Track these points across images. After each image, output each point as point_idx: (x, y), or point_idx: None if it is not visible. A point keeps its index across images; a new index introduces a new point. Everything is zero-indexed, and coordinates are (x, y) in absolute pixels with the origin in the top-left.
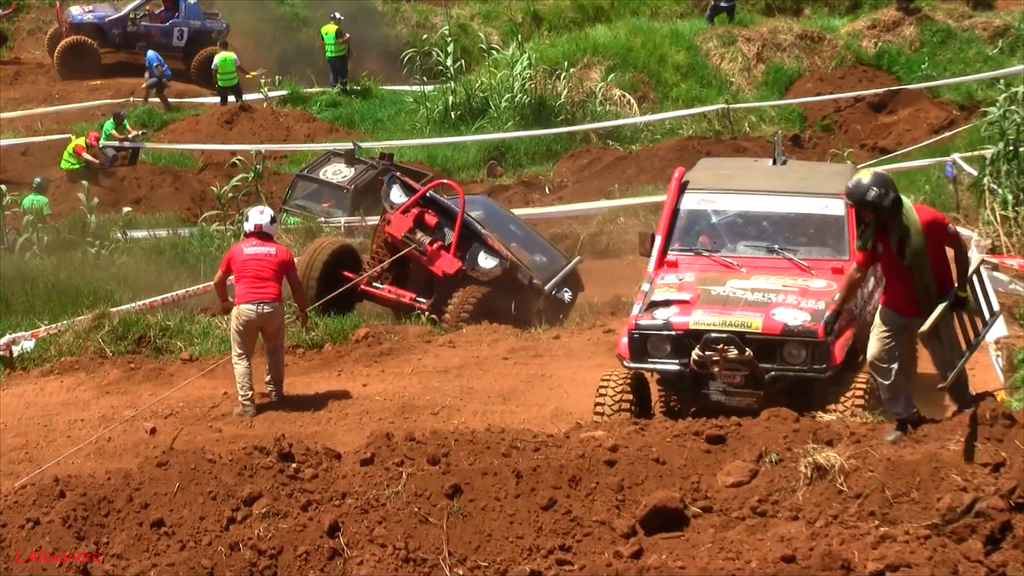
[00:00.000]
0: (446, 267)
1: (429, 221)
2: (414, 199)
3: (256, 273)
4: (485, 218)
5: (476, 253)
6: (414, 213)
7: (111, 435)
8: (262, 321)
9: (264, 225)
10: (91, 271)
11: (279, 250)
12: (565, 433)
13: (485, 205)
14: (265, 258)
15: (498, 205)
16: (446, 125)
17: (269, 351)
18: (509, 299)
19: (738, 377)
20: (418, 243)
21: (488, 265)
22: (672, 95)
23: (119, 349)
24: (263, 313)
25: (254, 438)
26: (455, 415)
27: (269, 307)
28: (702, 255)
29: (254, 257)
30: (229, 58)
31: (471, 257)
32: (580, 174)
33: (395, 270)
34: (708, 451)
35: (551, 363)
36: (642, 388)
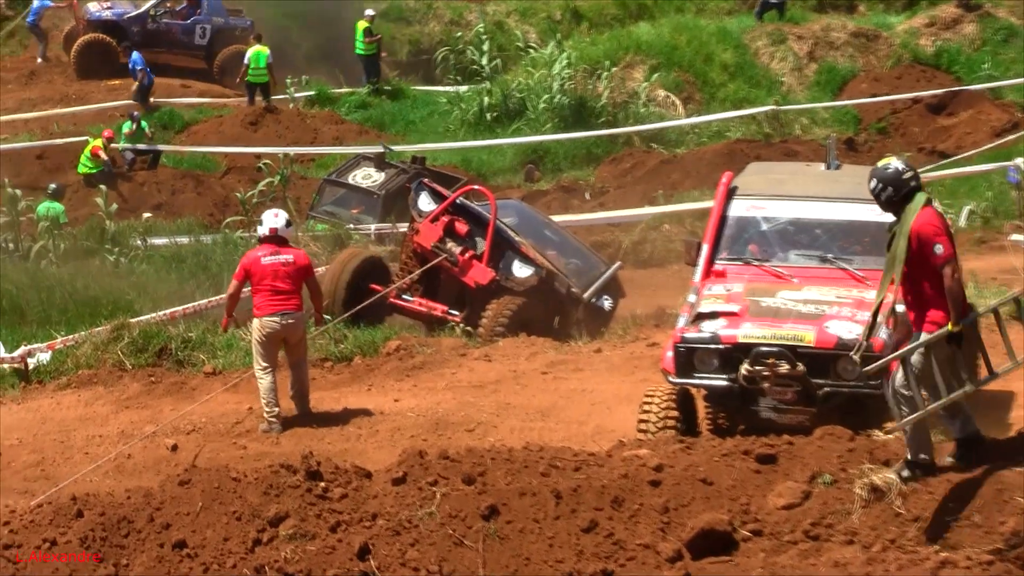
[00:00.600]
0: (479, 278)
1: (460, 229)
2: (443, 206)
3: (276, 283)
4: (519, 223)
5: (510, 262)
6: (444, 221)
7: (131, 452)
8: (285, 332)
9: (280, 228)
10: (110, 280)
11: (297, 256)
12: (607, 451)
13: (519, 210)
14: (284, 266)
15: (532, 209)
16: (481, 127)
17: (292, 364)
18: (547, 309)
19: (789, 393)
20: (449, 253)
21: (523, 274)
22: (719, 96)
23: (139, 362)
24: (286, 324)
25: (280, 455)
26: (491, 432)
27: (292, 318)
28: (751, 264)
29: (272, 266)
30: (262, 53)
31: (505, 266)
32: (622, 179)
33: (425, 281)
34: (758, 471)
35: (592, 378)
36: (688, 405)
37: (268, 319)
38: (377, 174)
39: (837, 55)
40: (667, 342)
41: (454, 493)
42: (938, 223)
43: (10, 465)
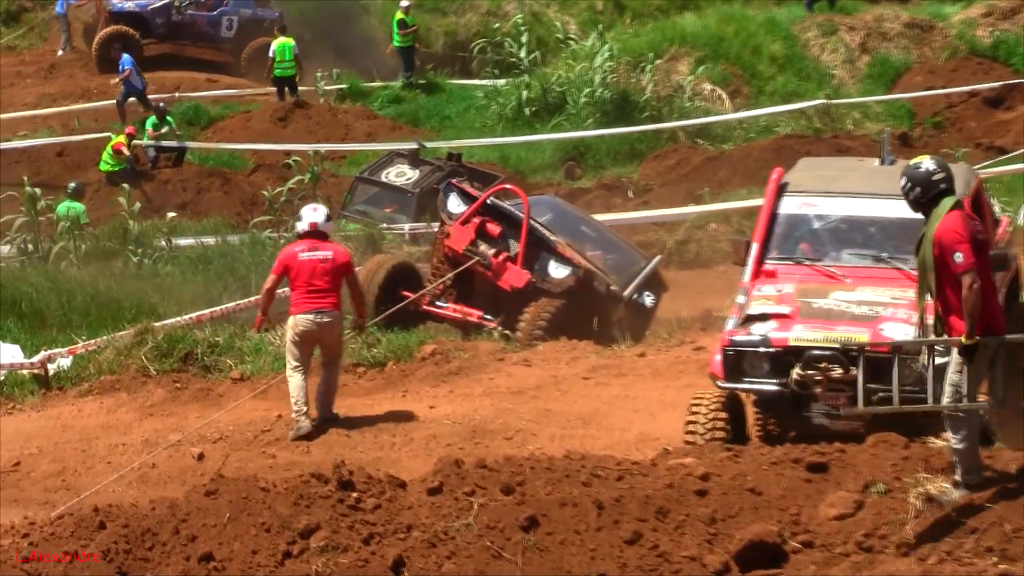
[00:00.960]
0: (514, 280)
1: (492, 231)
2: (473, 208)
3: (313, 280)
4: (553, 220)
5: (546, 262)
6: (475, 223)
7: (155, 461)
8: (321, 332)
9: (320, 223)
10: (133, 282)
11: (336, 252)
12: (651, 460)
13: (553, 206)
14: (322, 263)
15: (567, 205)
16: (520, 123)
17: (325, 363)
18: (586, 310)
19: (843, 398)
20: (482, 256)
21: (560, 275)
22: (768, 89)
23: (164, 367)
24: (322, 323)
25: (311, 464)
26: (531, 440)
27: (328, 317)
28: (803, 264)
29: (310, 262)
30: (287, 45)
31: (541, 267)
32: (667, 176)
33: (459, 286)
34: (809, 480)
35: (636, 383)
36: (737, 410)
37: (303, 317)
38: (411, 171)
39: (890, 47)
40: (715, 345)
41: (492, 503)
42: (961, 230)
43: (30, 475)
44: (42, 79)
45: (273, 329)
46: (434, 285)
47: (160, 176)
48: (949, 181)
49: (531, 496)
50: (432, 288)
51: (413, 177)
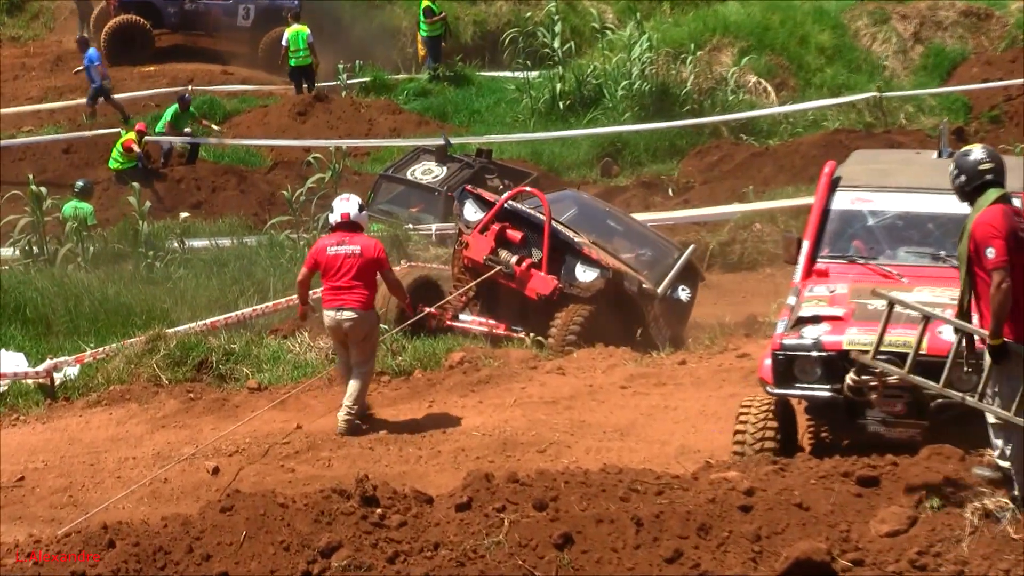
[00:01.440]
0: (540, 288)
1: (513, 237)
2: (491, 214)
3: (340, 276)
4: (578, 215)
5: (572, 266)
6: (494, 230)
7: (167, 476)
8: (343, 330)
9: (352, 214)
10: (143, 286)
11: (366, 247)
12: (692, 474)
13: (576, 200)
14: (350, 257)
15: (591, 198)
16: (553, 117)
17: (352, 364)
18: (620, 312)
19: (899, 405)
20: (504, 264)
21: (588, 278)
22: (815, 81)
23: (176, 376)
24: (342, 320)
25: (333, 479)
26: (565, 453)
27: (349, 314)
28: (856, 263)
29: (337, 257)
30: (301, 33)
31: (567, 271)
32: (708, 173)
33: (483, 298)
34: (859, 495)
35: (676, 393)
36: (788, 417)
37: (326, 313)
38: (438, 169)
39: (945, 36)
40: (765, 349)
41: (524, 520)
42: (998, 224)
43: (35, 491)
44: (48, 71)
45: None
46: (455, 295)
47: (172, 174)
48: (998, 172)
49: (565, 512)
50: (450, 299)
51: (440, 175)
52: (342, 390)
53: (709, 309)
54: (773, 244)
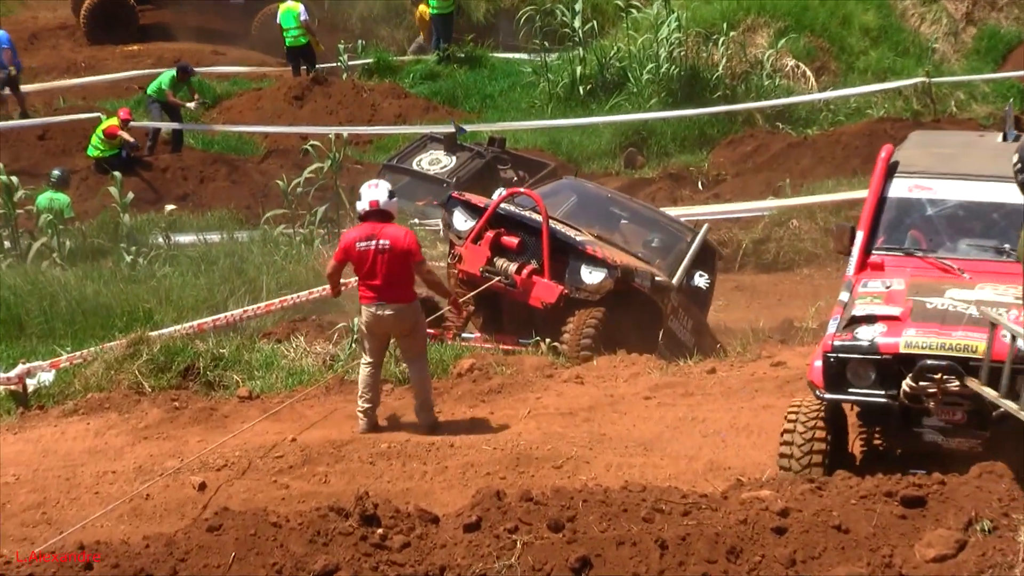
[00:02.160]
0: (544, 296)
1: (509, 243)
2: (483, 221)
3: (374, 274)
4: (578, 206)
5: (577, 268)
6: (488, 238)
7: (150, 491)
8: (386, 326)
9: (382, 201)
10: (125, 285)
11: (396, 239)
12: (722, 493)
13: (576, 189)
14: (382, 254)
15: (592, 184)
16: (572, 103)
17: (407, 363)
18: (635, 312)
19: (959, 413)
20: (503, 274)
21: (595, 280)
22: (859, 66)
23: (160, 383)
24: (385, 316)
25: (330, 496)
26: (583, 469)
27: (389, 309)
28: (914, 256)
29: (368, 253)
30: (292, 11)
31: (572, 274)
32: (741, 165)
33: (485, 312)
34: (903, 516)
35: (704, 403)
36: (839, 424)
37: (366, 309)
38: (447, 158)
39: (1000, 17)
40: (815, 351)
41: (538, 542)
42: None
43: (6, 507)
44: (22, 51)
45: None
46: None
47: (157, 163)
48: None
49: (583, 534)
50: (446, 311)
51: (449, 165)
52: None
53: (741, 313)
54: (811, 243)
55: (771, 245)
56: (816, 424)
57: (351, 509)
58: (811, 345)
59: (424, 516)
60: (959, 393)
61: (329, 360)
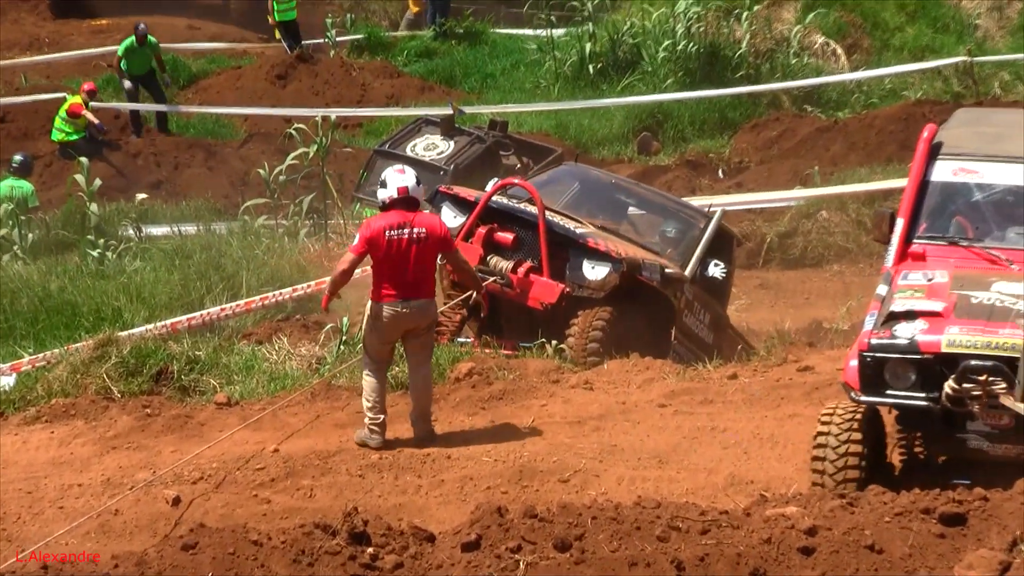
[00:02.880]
0: (544, 296)
1: (503, 239)
2: (473, 216)
3: (405, 264)
4: (581, 195)
5: (578, 263)
6: (480, 235)
7: (119, 506)
8: (407, 323)
9: (411, 187)
10: (92, 281)
11: (431, 227)
12: (744, 509)
13: (576, 175)
14: (418, 243)
15: (594, 170)
16: (581, 83)
17: (412, 366)
18: (646, 309)
19: (1007, 418)
20: (498, 274)
21: (599, 275)
22: (894, 43)
23: (130, 388)
24: (410, 313)
25: (315, 512)
26: (592, 483)
27: (415, 306)
28: (959, 245)
29: (400, 242)
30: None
31: (573, 271)
32: (766, 151)
33: (481, 314)
34: (942, 535)
35: (725, 412)
36: (876, 430)
37: (389, 307)
38: (444, 143)
39: None
40: (851, 350)
41: (543, 562)
42: None
43: None
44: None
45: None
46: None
47: (128, 148)
48: None
49: (592, 554)
50: (443, 310)
51: (447, 150)
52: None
53: (765, 313)
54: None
55: (798, 239)
56: (852, 429)
57: (339, 526)
58: (841, 348)
59: (418, 534)
60: None
61: (315, 363)
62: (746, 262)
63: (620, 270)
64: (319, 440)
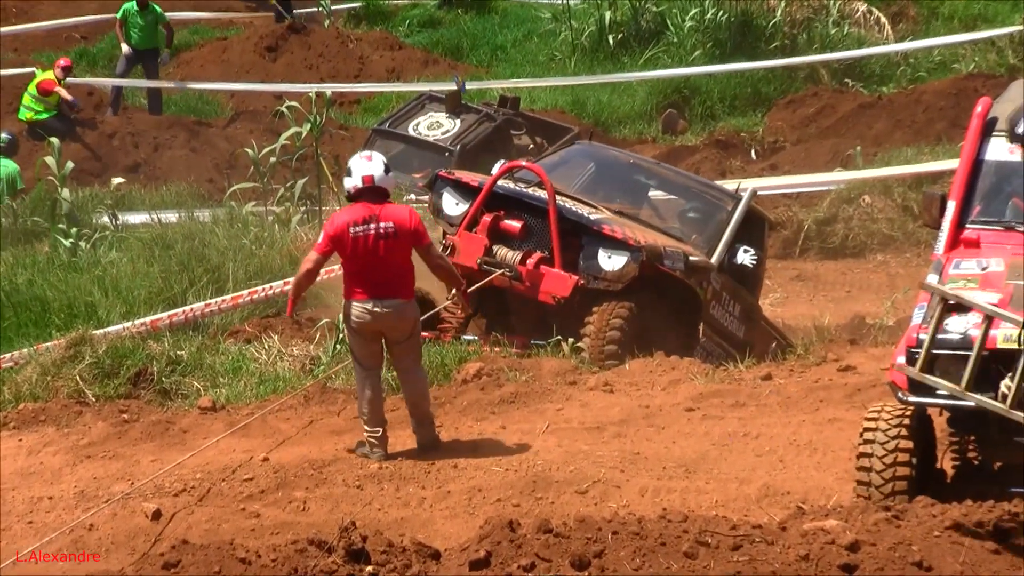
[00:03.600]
0: (555, 289)
1: (510, 227)
2: (477, 204)
3: (374, 265)
4: (596, 178)
5: (593, 252)
6: (485, 223)
7: (94, 521)
8: (379, 325)
9: (378, 176)
10: (64, 274)
11: (400, 220)
12: (780, 523)
13: (592, 156)
14: (385, 239)
15: (610, 149)
16: (600, 56)
17: (400, 374)
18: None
19: None
20: (506, 266)
21: (616, 265)
22: (943, 11)
23: (106, 392)
24: (383, 314)
25: (309, 526)
26: (612, 494)
27: (388, 306)
28: (1016, 230)
29: (366, 239)
30: None
31: (587, 260)
32: (803, 130)
33: (487, 309)
34: (996, 551)
35: (758, 416)
36: (926, 434)
37: (359, 306)
38: (450, 122)
39: None
40: (898, 346)
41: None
42: None
43: None
44: None
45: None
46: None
47: (103, 127)
48: None
49: (613, 572)
50: (441, 308)
51: (452, 129)
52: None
53: (803, 308)
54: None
55: (838, 226)
56: (900, 435)
57: (334, 542)
58: (886, 346)
59: (422, 551)
60: None
61: (308, 364)
62: (781, 252)
63: (639, 259)
64: (313, 448)
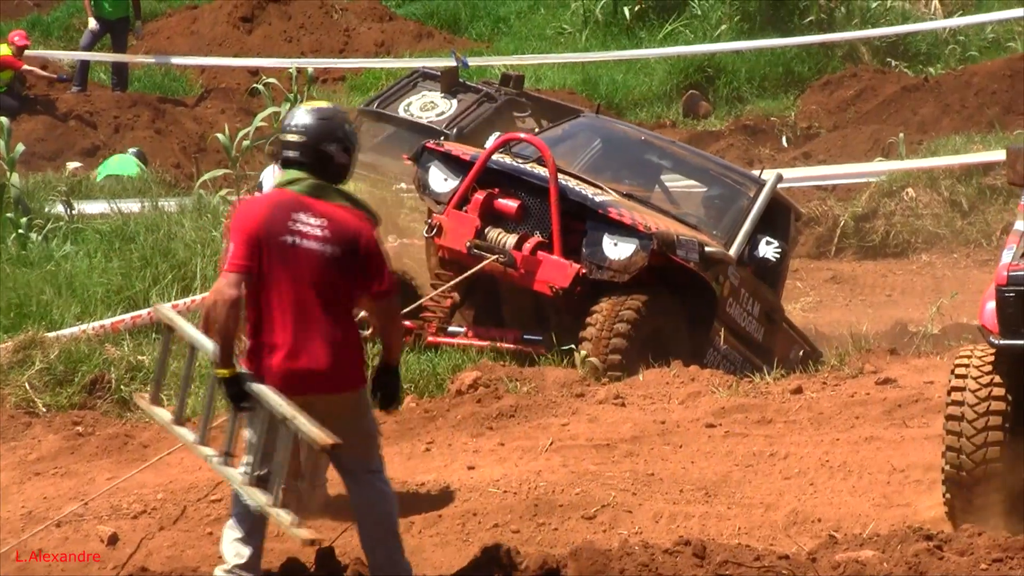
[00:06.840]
0: (554, 278)
1: (505, 207)
2: (469, 180)
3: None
4: (602, 154)
5: (598, 238)
6: (477, 202)
7: (43, 545)
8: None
9: None
10: (12, 269)
11: None
12: (809, 553)
13: (598, 131)
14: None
15: (618, 123)
16: (615, 30)
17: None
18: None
19: None
20: (499, 251)
21: (622, 254)
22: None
23: (58, 401)
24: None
25: (283, 553)
26: (624, 520)
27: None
28: None
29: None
30: None
31: (591, 248)
32: (840, 115)
33: (476, 299)
34: None
35: (787, 434)
36: (1019, 381)
37: None
38: (445, 102)
39: None
40: (988, 287)
41: None
42: None
43: None
44: None
45: None
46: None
47: (58, 105)
48: None
49: None
50: (427, 300)
51: (448, 110)
52: None
53: (838, 313)
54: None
55: (878, 223)
56: (991, 380)
57: (313, 570)
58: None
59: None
60: None
61: None
62: (815, 250)
63: (648, 248)
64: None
